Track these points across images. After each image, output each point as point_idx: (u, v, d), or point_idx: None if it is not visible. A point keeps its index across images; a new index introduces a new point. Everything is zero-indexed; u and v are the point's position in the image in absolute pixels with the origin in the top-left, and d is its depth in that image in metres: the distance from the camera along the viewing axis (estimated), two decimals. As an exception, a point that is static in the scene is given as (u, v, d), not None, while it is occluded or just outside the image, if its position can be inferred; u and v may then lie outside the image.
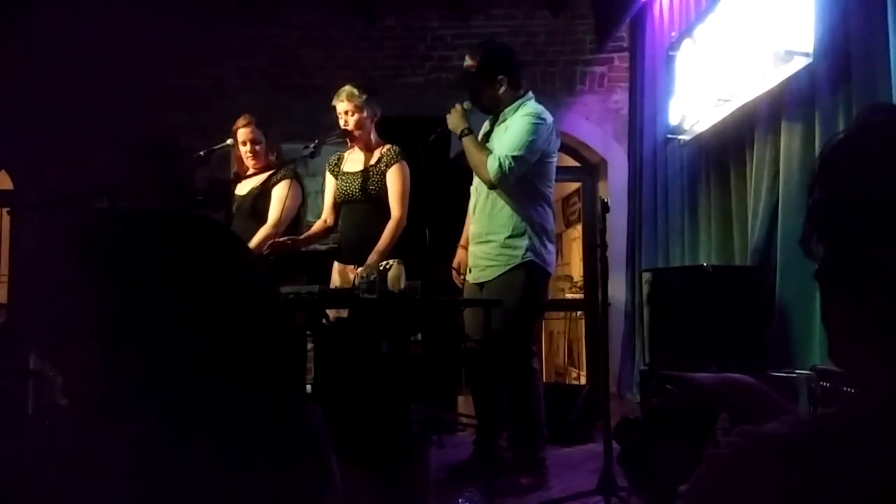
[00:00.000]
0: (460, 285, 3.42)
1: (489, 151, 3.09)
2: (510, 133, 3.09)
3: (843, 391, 2.27)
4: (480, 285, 3.21)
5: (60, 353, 0.76)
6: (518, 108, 3.17)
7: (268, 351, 0.81)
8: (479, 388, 3.29)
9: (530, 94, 3.25)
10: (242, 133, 3.52)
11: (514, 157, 3.02)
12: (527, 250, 3.11)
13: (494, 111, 3.24)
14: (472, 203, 3.31)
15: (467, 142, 3.17)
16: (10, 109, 5.56)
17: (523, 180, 3.10)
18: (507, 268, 3.12)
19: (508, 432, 3.26)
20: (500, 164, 3.02)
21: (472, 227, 3.28)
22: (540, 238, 3.15)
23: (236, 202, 3.57)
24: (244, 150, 3.52)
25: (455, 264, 3.46)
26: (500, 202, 3.14)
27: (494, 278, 3.14)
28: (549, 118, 3.17)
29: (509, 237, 3.12)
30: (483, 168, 3.07)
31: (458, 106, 3.22)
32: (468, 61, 3.21)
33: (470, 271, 3.27)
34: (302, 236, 3.45)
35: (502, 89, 3.17)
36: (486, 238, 3.18)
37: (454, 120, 3.20)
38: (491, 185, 3.10)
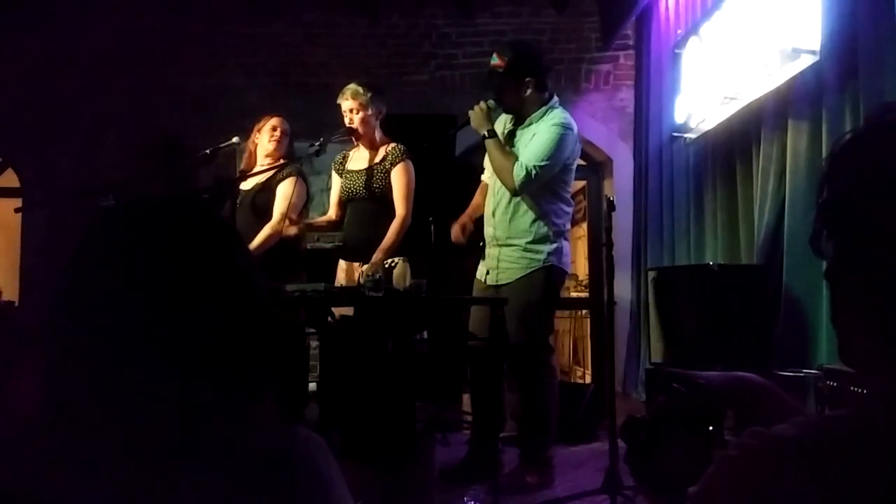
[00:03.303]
0: (459, 241, 3.30)
1: (515, 157, 3.08)
2: (538, 141, 3.08)
3: (851, 391, 2.26)
4: (497, 287, 3.20)
5: (58, 342, 0.76)
6: (545, 114, 3.15)
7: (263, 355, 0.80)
8: (482, 388, 3.29)
9: (556, 99, 3.23)
10: (276, 120, 3.56)
11: (540, 167, 3.03)
12: (549, 254, 3.12)
13: (519, 113, 3.21)
14: (490, 205, 3.27)
15: (491, 145, 3.14)
16: (17, 108, 5.58)
17: (546, 185, 3.11)
18: (529, 270, 3.13)
19: (518, 430, 3.26)
20: (528, 173, 3.01)
21: (490, 229, 3.26)
22: (560, 241, 3.17)
23: (240, 197, 3.58)
24: (271, 136, 3.51)
25: (458, 223, 3.33)
26: (524, 207, 3.14)
27: (514, 280, 3.15)
28: (575, 127, 3.18)
29: (532, 242, 3.13)
30: (508, 174, 3.06)
31: (482, 104, 3.17)
32: (496, 60, 3.14)
33: (487, 273, 3.26)
34: (306, 221, 3.52)
35: (528, 91, 3.13)
36: (507, 242, 3.18)
37: (477, 119, 3.16)
38: (514, 193, 3.10)
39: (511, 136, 3.24)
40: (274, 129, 3.54)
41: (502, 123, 3.29)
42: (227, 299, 0.77)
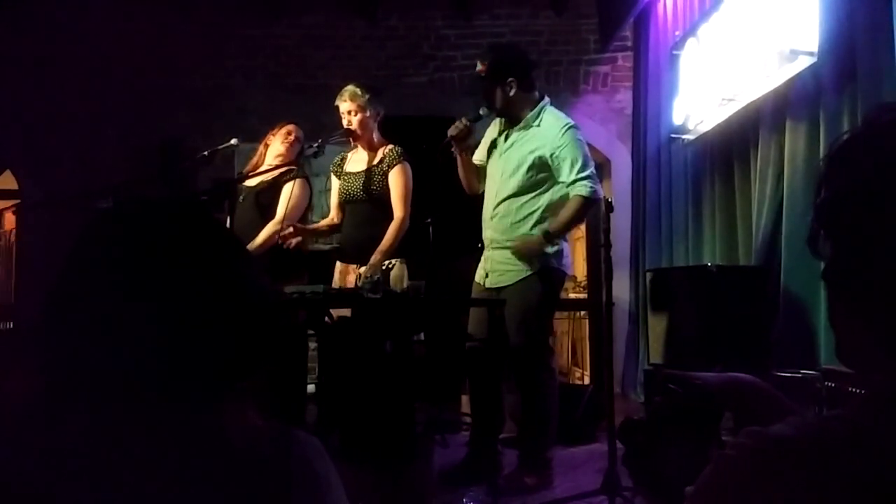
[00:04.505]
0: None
1: (571, 200, 3.08)
2: (567, 158, 3.08)
3: (849, 391, 2.26)
4: (497, 290, 3.20)
5: (52, 342, 0.76)
6: (539, 114, 3.17)
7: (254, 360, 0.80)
8: (481, 389, 3.29)
9: (547, 98, 3.26)
10: (292, 126, 3.62)
11: (587, 175, 3.06)
12: (549, 256, 3.12)
13: (509, 114, 3.22)
14: (488, 208, 3.27)
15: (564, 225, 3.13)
16: (15, 110, 5.58)
17: (550, 189, 3.13)
18: (528, 273, 3.12)
19: (517, 431, 3.26)
20: (587, 192, 3.04)
21: (488, 231, 3.26)
22: (560, 243, 3.16)
23: (243, 193, 3.58)
24: (285, 139, 3.56)
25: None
26: (524, 212, 3.14)
27: (514, 283, 3.14)
28: (572, 122, 3.19)
29: None
30: (583, 211, 3.11)
31: (464, 123, 3.19)
32: (479, 66, 3.20)
33: (486, 276, 3.25)
34: (309, 227, 3.51)
35: (513, 91, 3.15)
36: (505, 244, 3.17)
37: (533, 248, 3.11)
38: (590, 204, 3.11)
39: (506, 138, 3.24)
40: (289, 133, 3.60)
41: (497, 128, 3.30)
42: (221, 301, 0.77)
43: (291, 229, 3.31)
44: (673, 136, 4.87)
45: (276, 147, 3.57)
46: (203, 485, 0.71)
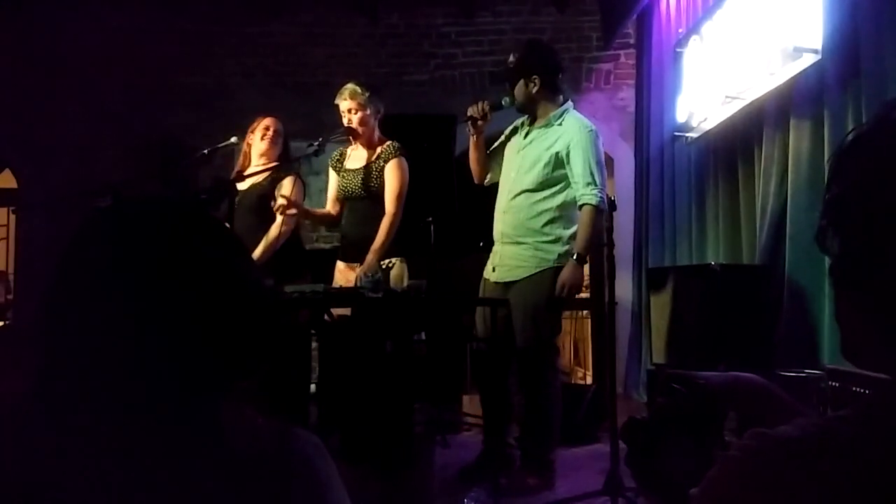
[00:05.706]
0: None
1: (583, 213, 3.07)
2: (580, 155, 3.09)
3: (854, 391, 2.24)
4: (505, 284, 3.19)
5: (48, 340, 0.75)
6: (561, 116, 3.19)
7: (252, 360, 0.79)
8: (488, 387, 3.28)
9: (570, 103, 3.27)
10: (269, 120, 3.54)
11: (597, 185, 3.06)
12: (560, 255, 3.11)
13: (529, 111, 3.26)
14: (501, 201, 3.26)
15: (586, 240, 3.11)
16: (14, 108, 5.58)
17: (565, 189, 3.13)
18: (538, 270, 3.12)
19: (520, 432, 3.25)
20: (596, 201, 3.04)
21: (500, 225, 3.25)
22: (572, 243, 3.15)
23: (238, 197, 3.55)
24: (264, 135, 3.50)
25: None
26: (538, 209, 3.14)
27: (523, 279, 3.14)
28: (594, 127, 3.21)
29: (543, 243, 3.13)
30: (595, 221, 3.06)
31: (484, 106, 3.19)
32: (511, 58, 3.25)
33: (494, 270, 3.25)
34: (308, 209, 3.50)
35: (536, 89, 3.18)
36: (516, 240, 3.17)
37: (577, 275, 3.08)
38: (599, 210, 3.08)
39: (526, 135, 3.26)
40: (267, 128, 3.52)
41: (523, 128, 3.30)
42: (220, 300, 0.77)
43: (285, 215, 3.28)
44: (676, 134, 4.86)
45: (257, 147, 3.52)
46: (203, 484, 0.71)
